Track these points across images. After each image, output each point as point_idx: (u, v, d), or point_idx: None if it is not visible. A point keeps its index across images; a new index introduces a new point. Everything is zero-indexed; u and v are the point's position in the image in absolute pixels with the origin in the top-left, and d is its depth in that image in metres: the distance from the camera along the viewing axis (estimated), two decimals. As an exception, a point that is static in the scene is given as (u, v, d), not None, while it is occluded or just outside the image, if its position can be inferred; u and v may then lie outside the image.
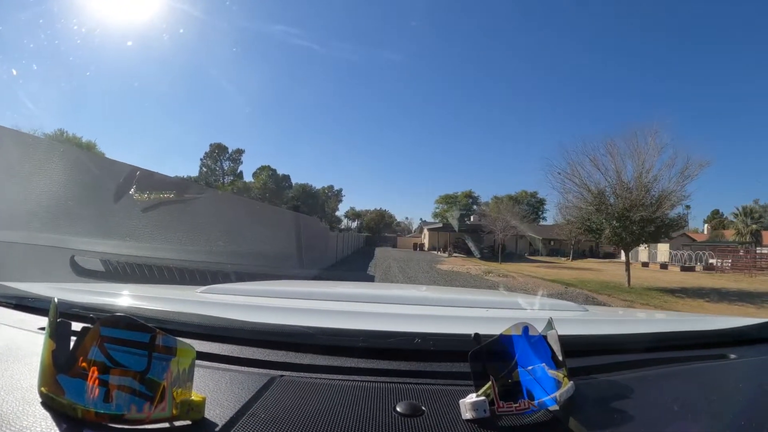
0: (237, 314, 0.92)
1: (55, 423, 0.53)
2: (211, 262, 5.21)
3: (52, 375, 0.55)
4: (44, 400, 0.56)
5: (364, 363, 0.79)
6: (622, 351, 0.91)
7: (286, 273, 8.54)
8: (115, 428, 0.53)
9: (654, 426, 0.63)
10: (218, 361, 0.77)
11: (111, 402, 0.53)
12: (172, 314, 0.94)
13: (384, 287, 2.67)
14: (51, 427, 0.52)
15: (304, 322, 0.92)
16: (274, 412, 0.60)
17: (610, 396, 0.70)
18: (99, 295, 1.27)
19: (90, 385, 0.53)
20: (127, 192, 3.99)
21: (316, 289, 1.83)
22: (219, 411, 0.59)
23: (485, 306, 1.54)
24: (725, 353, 0.98)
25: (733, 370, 0.93)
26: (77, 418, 0.53)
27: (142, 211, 4.35)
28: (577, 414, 0.62)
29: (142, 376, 0.54)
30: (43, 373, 0.57)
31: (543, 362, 0.65)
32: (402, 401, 0.64)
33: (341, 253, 21.93)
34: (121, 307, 1.04)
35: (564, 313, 1.43)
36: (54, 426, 0.53)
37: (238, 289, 1.56)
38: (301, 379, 0.72)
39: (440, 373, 0.77)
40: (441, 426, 0.59)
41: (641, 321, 1.51)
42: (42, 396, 0.56)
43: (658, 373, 0.84)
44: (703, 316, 1.53)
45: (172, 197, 5.00)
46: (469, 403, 0.60)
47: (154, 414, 0.53)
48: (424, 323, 1.10)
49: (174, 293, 1.55)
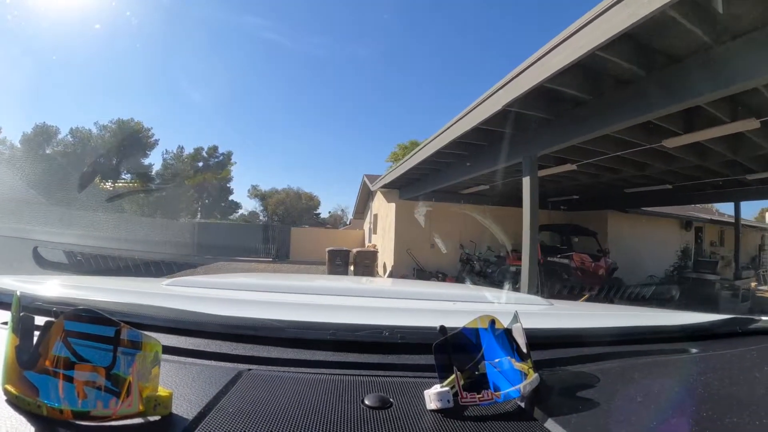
0: (204, 307, 0.94)
1: (21, 421, 0.53)
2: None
3: (15, 372, 0.55)
4: (8, 398, 0.56)
5: (333, 356, 0.81)
6: (587, 344, 0.96)
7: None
8: (81, 425, 0.53)
9: (617, 416, 0.65)
10: (185, 355, 0.78)
11: (76, 398, 0.53)
12: (138, 307, 0.95)
13: (352, 280, 2.69)
14: (16, 426, 0.52)
15: (272, 315, 0.94)
16: (243, 406, 0.61)
17: (575, 387, 0.74)
18: (63, 288, 1.26)
19: (55, 381, 0.53)
20: (90, 182, 3.91)
21: (284, 282, 1.84)
22: (186, 406, 0.60)
23: (453, 299, 1.59)
24: (688, 348, 1.03)
25: (695, 363, 0.97)
26: (42, 415, 0.53)
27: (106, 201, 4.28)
28: (541, 404, 0.66)
29: (107, 372, 0.54)
30: (7, 370, 0.56)
31: (508, 355, 0.69)
32: (370, 394, 0.66)
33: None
34: (86, 300, 1.03)
35: (530, 306, 1.49)
36: (19, 425, 0.53)
37: (205, 282, 1.56)
38: (269, 373, 0.74)
39: (408, 366, 0.79)
40: (408, 417, 0.61)
41: (606, 315, 1.56)
42: (6, 394, 0.56)
43: (621, 365, 0.88)
44: (668, 311, 1.58)
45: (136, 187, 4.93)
46: (434, 394, 0.63)
47: (121, 410, 0.54)
48: (392, 316, 1.13)
49: (139, 286, 1.55)
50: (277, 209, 38.26)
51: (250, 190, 40.15)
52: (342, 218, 40.21)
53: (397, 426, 0.59)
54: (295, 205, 39.22)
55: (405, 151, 28.36)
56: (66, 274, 4.14)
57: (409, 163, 9.18)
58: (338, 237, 20.51)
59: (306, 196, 40.67)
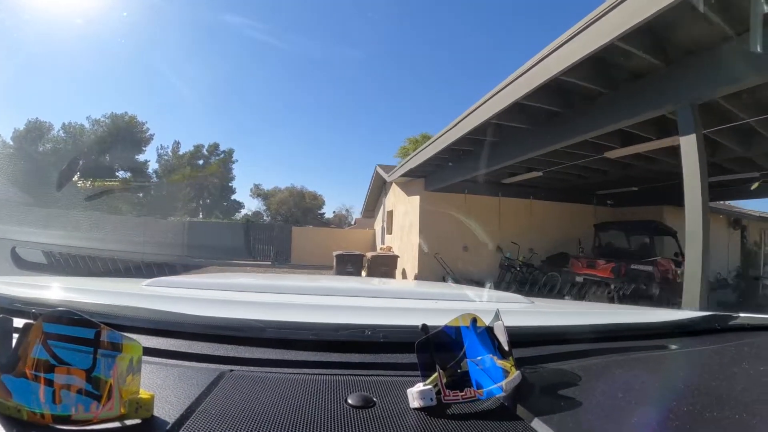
0: (184, 308, 0.94)
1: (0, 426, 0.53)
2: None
3: (-6, 376, 0.54)
4: None
5: (315, 356, 0.81)
6: (568, 341, 0.98)
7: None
8: (61, 429, 0.53)
9: (598, 411, 0.67)
10: (166, 357, 0.78)
11: (57, 402, 0.52)
12: (118, 308, 0.94)
13: (335, 279, 2.69)
14: None
15: (254, 316, 0.94)
16: (225, 407, 0.61)
17: (557, 384, 0.75)
18: (41, 289, 1.25)
19: (35, 385, 0.53)
20: (70, 180, 3.85)
21: (266, 282, 1.84)
22: (168, 408, 0.60)
23: (435, 298, 1.61)
24: (667, 344, 1.06)
25: (674, 359, 1.00)
26: (23, 420, 0.52)
27: (86, 200, 4.22)
28: (524, 401, 0.67)
29: (88, 375, 0.54)
30: (-16, 375, 0.55)
31: (490, 352, 0.70)
32: (353, 393, 0.67)
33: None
34: (65, 301, 1.02)
35: (511, 305, 1.51)
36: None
37: (185, 282, 1.56)
38: (251, 374, 0.74)
39: (391, 365, 0.80)
40: (392, 416, 0.62)
41: (586, 313, 1.59)
42: None
43: (602, 362, 0.90)
44: (647, 309, 1.62)
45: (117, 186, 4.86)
46: (417, 392, 0.64)
47: (102, 413, 0.54)
48: (374, 315, 1.15)
49: (119, 286, 1.55)
50: (280, 209, 37.06)
51: (252, 189, 39.11)
52: (346, 218, 39.39)
53: (380, 425, 0.59)
54: (298, 205, 37.79)
55: (416, 145, 25.35)
56: (45, 274, 4.07)
57: (446, 139, 7.04)
58: (345, 238, 18.42)
59: (310, 195, 39.32)
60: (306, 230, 20.27)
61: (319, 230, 21.59)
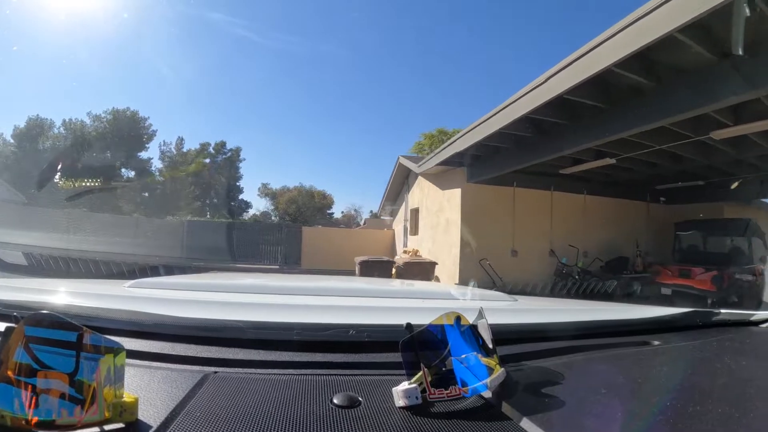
0: (167, 309, 0.93)
1: None
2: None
3: (-25, 381, 0.54)
4: None
5: (300, 356, 0.81)
6: (552, 338, 0.99)
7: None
8: None
9: (582, 407, 0.69)
10: (149, 359, 0.77)
11: (40, 407, 0.52)
12: (100, 311, 0.93)
13: (318, 279, 2.70)
14: None
15: (238, 317, 0.94)
16: (210, 409, 0.61)
17: (541, 381, 0.77)
18: (22, 292, 1.23)
19: (18, 390, 0.52)
20: (51, 179, 3.79)
21: (248, 282, 1.84)
22: (153, 411, 0.59)
23: (419, 296, 1.62)
24: (649, 340, 1.08)
25: (656, 355, 1.02)
26: (6, 426, 0.52)
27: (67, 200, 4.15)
28: (509, 399, 0.68)
29: (71, 378, 0.54)
30: (-34, 380, 0.55)
31: (474, 350, 0.71)
32: (338, 393, 0.67)
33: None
34: (46, 304, 1.01)
35: (494, 303, 1.53)
36: None
37: (167, 283, 1.55)
38: (235, 375, 0.74)
39: (376, 364, 0.81)
40: (377, 415, 0.63)
41: (569, 311, 1.61)
42: None
43: (585, 358, 0.92)
44: (630, 306, 1.65)
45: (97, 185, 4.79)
46: (402, 391, 0.65)
47: (86, 418, 0.53)
48: (358, 314, 1.15)
49: (101, 288, 1.53)
50: (289, 208, 35.64)
51: (260, 188, 38.04)
52: (355, 218, 37.57)
53: (366, 424, 0.60)
54: (307, 204, 36.31)
55: (432, 140, 24.19)
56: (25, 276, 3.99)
57: (507, 114, 5.76)
58: (362, 238, 16.61)
59: (318, 195, 37.87)
60: (318, 230, 18.71)
61: (331, 230, 19.96)
